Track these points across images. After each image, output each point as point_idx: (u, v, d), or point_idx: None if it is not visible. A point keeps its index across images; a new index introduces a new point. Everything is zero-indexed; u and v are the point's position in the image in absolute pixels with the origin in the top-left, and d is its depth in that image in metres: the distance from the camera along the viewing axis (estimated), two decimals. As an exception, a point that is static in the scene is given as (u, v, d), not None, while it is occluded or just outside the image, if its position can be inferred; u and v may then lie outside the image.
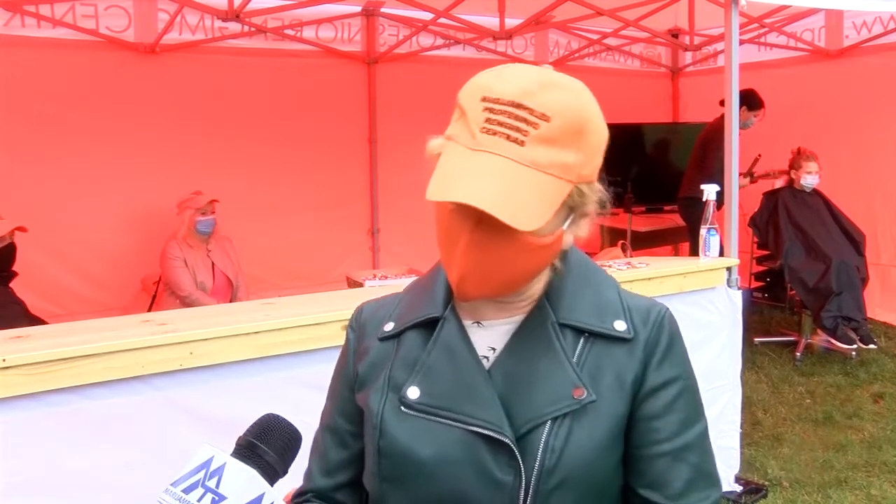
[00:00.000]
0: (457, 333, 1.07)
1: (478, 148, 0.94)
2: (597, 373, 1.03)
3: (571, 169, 0.95)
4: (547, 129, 0.93)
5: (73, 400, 2.01)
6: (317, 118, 6.27)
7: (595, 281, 1.11)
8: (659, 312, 1.09)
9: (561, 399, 1.01)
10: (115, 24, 5.45)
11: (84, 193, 5.38)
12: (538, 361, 1.03)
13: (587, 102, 0.98)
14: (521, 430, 1.00)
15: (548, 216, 0.94)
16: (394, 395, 1.06)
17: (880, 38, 6.29)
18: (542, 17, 5.44)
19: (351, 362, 1.18)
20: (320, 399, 2.41)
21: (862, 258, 5.67)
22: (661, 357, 1.06)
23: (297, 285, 5.47)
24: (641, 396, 1.05)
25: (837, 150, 6.19)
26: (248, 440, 0.98)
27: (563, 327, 1.05)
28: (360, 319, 1.21)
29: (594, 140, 0.98)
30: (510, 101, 0.94)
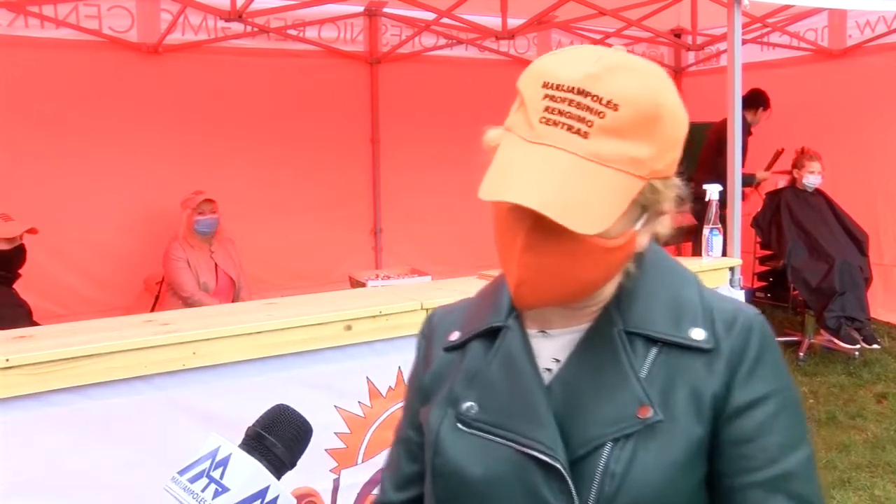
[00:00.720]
0: (518, 344, 0.98)
1: (536, 140, 0.84)
2: (669, 388, 0.91)
3: (643, 163, 0.85)
4: (614, 119, 0.83)
5: (75, 400, 2.01)
6: (319, 118, 6.28)
7: (672, 281, 0.98)
8: (747, 317, 0.94)
9: (623, 418, 0.89)
10: (118, 25, 5.46)
11: (87, 194, 5.39)
12: (602, 375, 0.92)
13: (661, 88, 0.87)
14: (577, 452, 0.90)
15: (613, 217, 0.83)
16: (452, 411, 0.99)
17: (883, 37, 6.27)
18: (544, 17, 5.43)
19: (420, 372, 1.11)
20: (323, 399, 2.43)
21: (865, 258, 5.67)
22: (749, 370, 0.92)
23: (299, 285, 5.47)
24: (727, 416, 0.91)
25: (840, 150, 6.17)
26: (257, 431, 0.95)
27: (632, 336, 0.93)
28: (430, 326, 1.13)
29: (669, 130, 0.87)
30: (573, 86, 0.84)
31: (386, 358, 2.47)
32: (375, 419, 2.46)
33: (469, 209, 6.94)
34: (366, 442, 2.45)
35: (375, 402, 2.45)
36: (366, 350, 2.43)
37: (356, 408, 2.42)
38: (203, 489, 0.88)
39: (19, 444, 1.95)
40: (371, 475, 2.46)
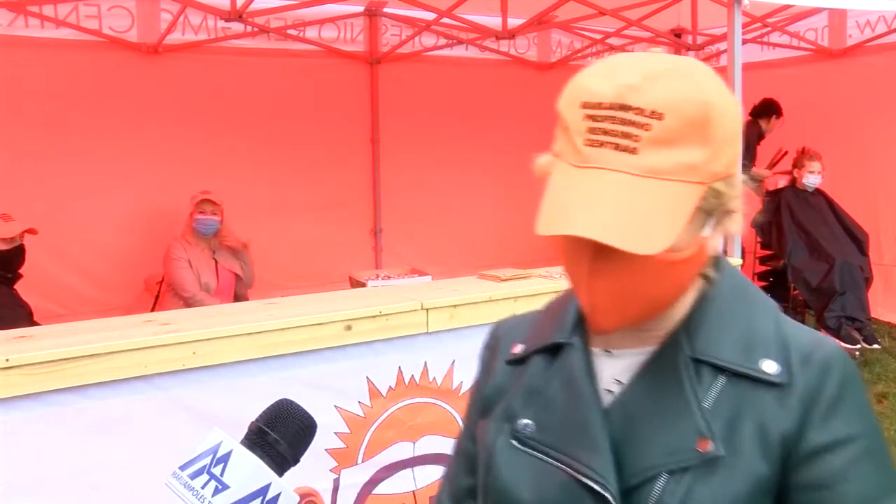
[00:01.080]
0: (580, 363, 0.94)
1: (584, 164, 0.81)
2: (735, 421, 0.85)
3: (699, 169, 0.81)
4: (662, 129, 0.79)
5: (75, 400, 2.01)
6: (319, 118, 6.28)
7: (747, 309, 0.92)
8: (826, 353, 0.88)
9: (681, 450, 0.85)
10: (118, 25, 5.46)
11: (87, 193, 5.39)
12: (663, 402, 0.88)
13: (706, 85, 0.83)
14: (630, 482, 0.86)
15: (677, 231, 0.79)
16: (508, 427, 0.96)
17: (884, 37, 6.27)
18: (544, 17, 5.43)
19: (482, 383, 1.08)
20: (323, 399, 2.43)
21: (865, 258, 5.67)
22: (827, 410, 0.85)
23: (299, 285, 5.47)
24: (799, 459, 0.84)
25: (840, 150, 6.18)
26: (259, 426, 0.94)
27: (699, 363, 0.88)
28: (495, 337, 1.11)
29: (723, 128, 0.82)
30: (612, 102, 0.81)
31: (386, 358, 2.47)
32: (375, 419, 2.46)
33: (469, 209, 6.99)
34: (366, 442, 2.45)
35: (375, 402, 2.45)
36: (366, 350, 2.43)
37: (356, 408, 2.42)
38: (203, 486, 0.87)
39: (19, 444, 1.95)
40: (371, 475, 2.46)
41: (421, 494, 2.56)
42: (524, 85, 7.16)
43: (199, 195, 4.92)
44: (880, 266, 6.05)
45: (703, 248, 0.87)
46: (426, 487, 2.56)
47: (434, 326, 2.52)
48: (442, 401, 2.57)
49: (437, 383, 2.56)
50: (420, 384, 2.52)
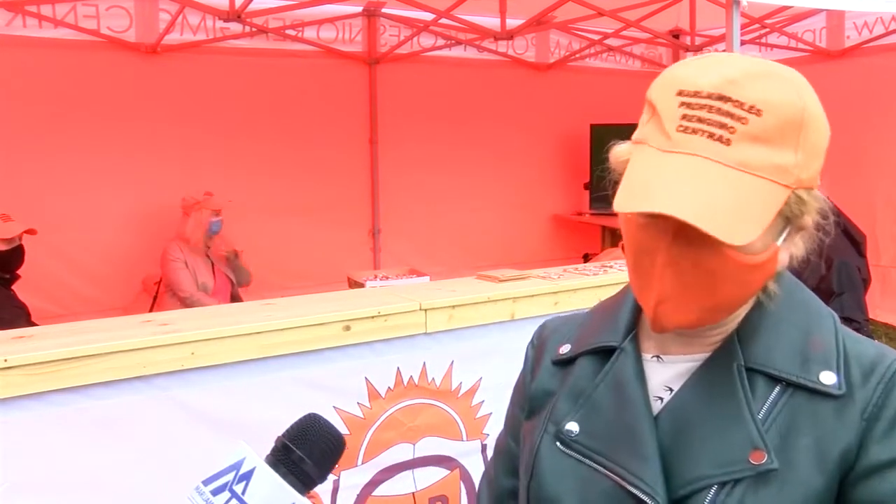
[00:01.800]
0: (631, 368, 0.92)
1: (674, 150, 0.79)
2: (790, 433, 0.83)
3: (789, 172, 0.80)
4: (758, 125, 0.78)
5: (74, 400, 2.01)
6: (318, 118, 6.28)
7: (806, 319, 0.89)
8: (889, 366, 0.85)
9: (733, 461, 0.82)
10: (117, 25, 5.46)
11: (85, 194, 5.39)
12: (715, 412, 0.85)
13: (805, 93, 0.84)
14: (678, 493, 0.84)
15: (762, 227, 0.77)
16: (553, 428, 0.95)
17: (881, 38, 6.29)
18: (543, 18, 5.43)
19: (526, 382, 1.06)
20: (323, 399, 2.43)
21: (863, 259, 5.67)
22: (889, 425, 0.82)
23: (297, 285, 5.47)
24: (858, 474, 0.82)
25: (838, 151, 6.10)
26: (284, 443, 0.90)
27: (753, 373, 0.86)
28: (542, 336, 1.09)
29: (815, 138, 0.83)
30: (712, 92, 0.79)
31: (385, 358, 2.47)
32: (375, 420, 2.46)
33: (468, 210, 6.99)
34: (365, 443, 2.45)
35: (374, 403, 2.45)
36: (365, 350, 2.43)
37: (355, 408, 2.42)
38: (225, 503, 0.85)
39: (18, 444, 1.94)
40: (371, 476, 2.46)
41: (421, 496, 2.55)
42: (522, 85, 7.16)
43: (212, 198, 4.93)
44: (877, 267, 6.06)
45: (775, 257, 0.85)
46: (426, 489, 2.56)
47: (432, 327, 2.52)
48: (441, 402, 2.57)
49: (436, 384, 2.55)
50: (419, 385, 2.52)
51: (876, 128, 6.28)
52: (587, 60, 7.42)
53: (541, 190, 7.34)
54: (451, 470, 2.59)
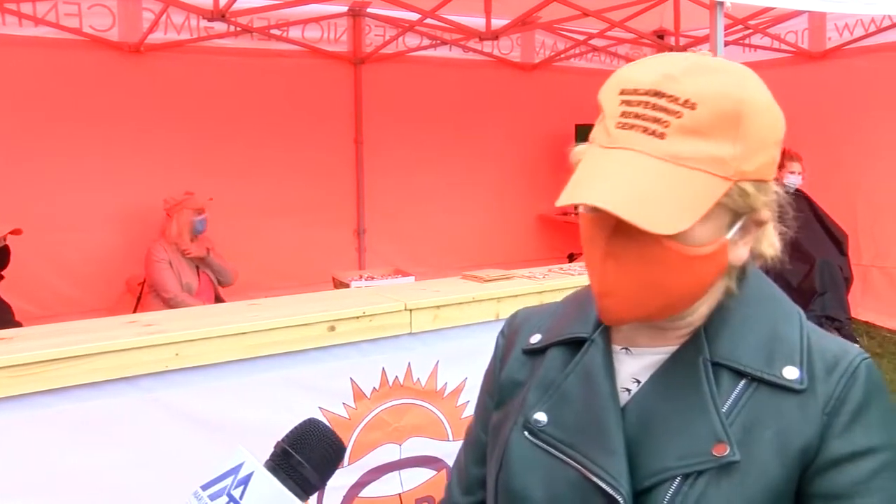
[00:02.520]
0: (600, 360, 0.94)
1: (612, 145, 0.82)
2: (753, 427, 0.85)
3: (726, 163, 0.81)
4: (692, 118, 0.80)
5: (57, 402, 1.99)
6: (303, 118, 6.27)
7: (773, 314, 0.91)
8: (851, 361, 0.87)
9: (697, 453, 0.84)
10: (99, 24, 5.42)
11: (68, 194, 5.35)
12: (680, 404, 0.87)
13: (745, 85, 0.83)
14: (643, 484, 0.85)
15: (693, 218, 0.79)
16: (522, 419, 0.96)
17: (861, 40, 6.35)
18: (528, 18, 5.45)
19: (496, 371, 1.07)
20: (308, 400, 2.42)
21: (845, 258, 5.72)
22: (849, 419, 0.84)
23: (283, 286, 5.45)
24: (818, 468, 0.84)
25: (820, 151, 6.23)
26: (284, 448, 0.90)
27: (718, 367, 0.88)
28: (513, 326, 1.09)
29: (759, 129, 0.82)
30: (648, 89, 0.82)
31: (370, 359, 2.47)
32: (360, 420, 2.46)
33: (453, 210, 6.99)
34: (351, 444, 2.45)
35: (360, 404, 2.45)
36: (350, 351, 2.43)
37: (340, 409, 2.42)
38: None
39: (2, 447, 1.93)
40: (357, 477, 2.46)
41: (407, 497, 2.56)
42: (508, 85, 7.17)
43: (192, 197, 4.91)
44: (858, 266, 6.11)
45: (724, 250, 0.85)
46: (413, 490, 2.56)
47: (418, 327, 2.52)
48: (426, 402, 2.58)
49: (422, 384, 2.56)
50: (404, 385, 2.53)
51: (857, 128, 6.34)
52: (572, 60, 7.43)
53: (526, 190, 7.35)
54: (437, 470, 2.59)
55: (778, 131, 0.86)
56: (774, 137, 0.85)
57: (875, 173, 6.29)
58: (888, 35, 6.19)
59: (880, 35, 6.23)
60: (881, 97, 6.23)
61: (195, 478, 0.89)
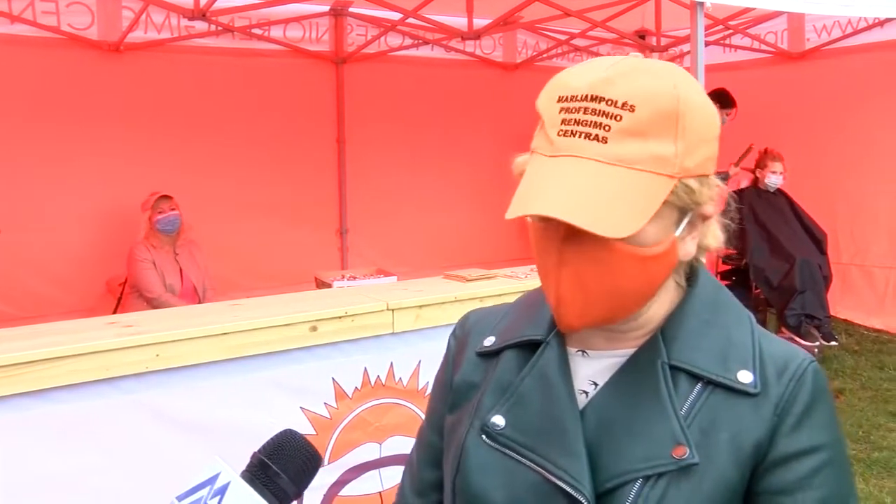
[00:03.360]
0: (556, 362, 0.94)
1: (555, 153, 0.83)
2: (710, 428, 0.86)
3: (669, 162, 0.82)
4: (632, 120, 0.80)
5: (37, 404, 1.98)
6: (285, 118, 6.24)
7: (726, 319, 0.93)
8: (800, 365, 0.89)
9: (657, 456, 0.85)
10: (78, 22, 5.36)
11: (47, 194, 5.30)
12: (639, 407, 0.88)
13: (680, 84, 0.84)
14: (605, 486, 0.86)
15: (643, 219, 0.80)
16: (479, 423, 0.96)
17: (839, 41, 6.44)
18: (510, 18, 5.45)
19: (448, 374, 1.06)
20: (289, 401, 2.42)
21: (824, 256, 5.78)
22: (797, 420, 0.87)
23: (265, 286, 5.43)
24: (767, 466, 0.86)
25: (800, 151, 6.29)
26: (260, 458, 0.90)
27: (676, 370, 0.89)
28: (465, 328, 1.09)
29: (696, 126, 0.83)
30: (586, 94, 0.82)
31: (352, 359, 2.47)
32: (342, 420, 2.46)
33: (435, 209, 6.99)
34: (332, 443, 2.44)
35: (341, 403, 2.45)
36: (332, 351, 2.42)
37: (322, 409, 2.42)
38: None
39: (-22, 449, 1.91)
40: (338, 476, 2.46)
41: (387, 495, 2.55)
42: (490, 85, 7.18)
43: (150, 197, 4.88)
44: (838, 265, 6.17)
45: (674, 248, 0.87)
46: (393, 488, 2.56)
47: (400, 327, 2.52)
48: (408, 401, 2.58)
49: (403, 384, 2.56)
50: (386, 385, 2.52)
51: (835, 127, 6.41)
52: (554, 60, 7.45)
53: (509, 189, 7.25)
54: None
55: (715, 126, 0.87)
56: (712, 132, 0.86)
57: (854, 172, 6.36)
58: (865, 36, 6.27)
59: (858, 36, 6.31)
60: (859, 97, 6.30)
61: (176, 479, 0.88)
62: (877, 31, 6.17)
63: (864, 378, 5.13)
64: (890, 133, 6.16)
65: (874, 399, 4.77)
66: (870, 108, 6.24)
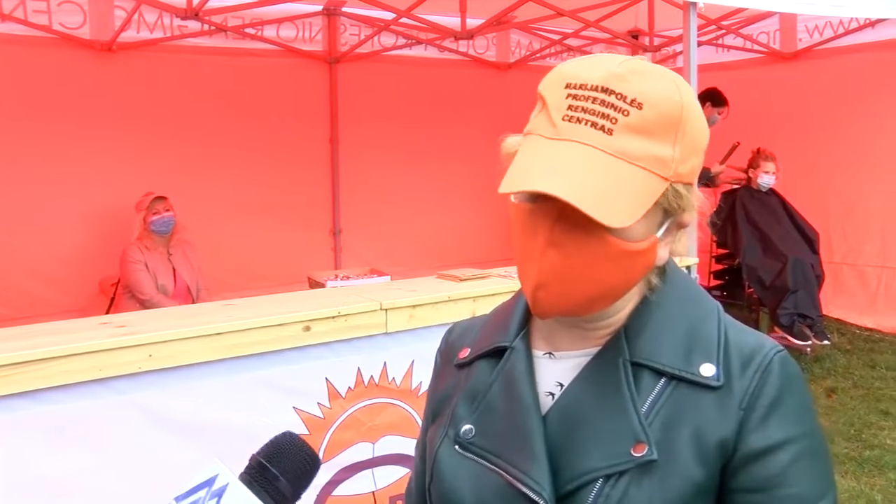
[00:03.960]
0: (521, 367, 0.94)
1: (559, 137, 0.83)
2: (672, 425, 0.85)
3: (667, 164, 0.83)
4: (639, 118, 0.82)
5: (29, 405, 1.97)
6: (278, 118, 6.24)
7: (692, 312, 0.92)
8: (766, 355, 0.87)
9: (617, 454, 0.84)
10: (70, 21, 5.34)
11: (39, 194, 5.28)
12: (601, 406, 0.87)
13: (685, 93, 0.85)
14: (566, 488, 0.86)
15: (639, 213, 0.81)
16: (452, 433, 0.97)
17: (831, 41, 6.46)
18: (503, 18, 5.46)
19: (433, 390, 1.08)
20: (282, 400, 2.42)
21: (816, 256, 5.80)
22: (764, 413, 0.84)
23: (258, 286, 5.42)
24: (737, 462, 0.85)
25: (792, 150, 6.31)
26: (259, 461, 0.89)
27: (638, 367, 0.88)
28: (448, 341, 1.10)
29: (694, 136, 0.85)
30: (597, 85, 0.83)
31: (345, 358, 2.46)
32: (335, 420, 2.46)
33: (429, 209, 6.99)
34: (325, 443, 2.44)
35: (335, 403, 2.45)
36: (325, 351, 2.42)
37: (315, 409, 2.41)
38: None
39: (-30, 450, 1.91)
40: (331, 476, 2.46)
41: (381, 495, 2.56)
42: (483, 85, 7.19)
43: (145, 198, 4.86)
44: (830, 264, 6.20)
45: (654, 248, 0.87)
46: (386, 488, 2.56)
47: (393, 327, 2.52)
48: (401, 401, 2.58)
49: (397, 384, 2.56)
50: (379, 385, 2.52)
51: (827, 127, 6.43)
52: (548, 60, 7.46)
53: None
54: (410, 469, 2.59)
55: (706, 140, 0.88)
56: (703, 145, 0.88)
57: (846, 172, 6.39)
58: (857, 37, 6.29)
59: (849, 37, 6.34)
60: (851, 97, 6.33)
61: (169, 480, 0.88)
62: (868, 32, 6.20)
63: (855, 377, 5.16)
64: (881, 133, 6.19)
65: (866, 397, 4.79)
66: (862, 107, 6.27)
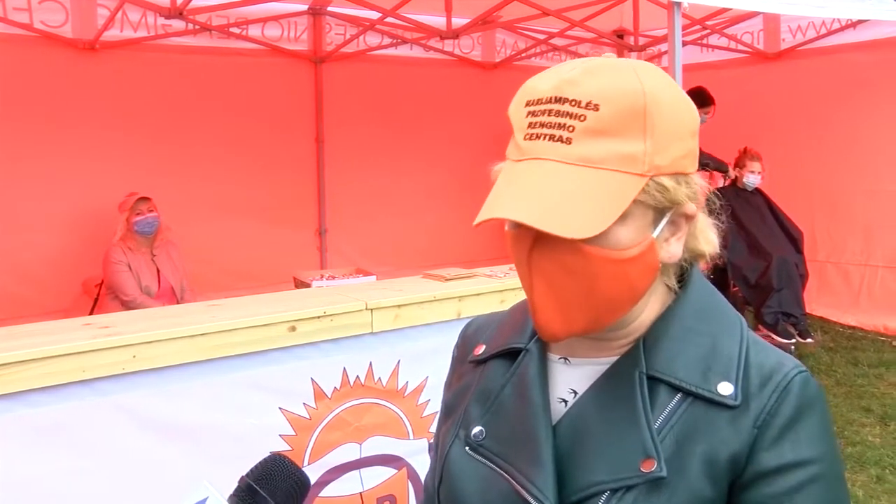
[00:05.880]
0: (534, 371, 0.92)
1: (522, 157, 0.82)
2: (685, 442, 0.82)
3: (638, 160, 0.80)
4: (596, 119, 0.79)
5: (12, 407, 1.95)
6: (263, 118, 6.21)
7: (714, 327, 0.88)
8: (786, 375, 0.84)
9: (624, 469, 0.82)
10: (51, 19, 5.29)
11: (21, 194, 5.24)
12: (613, 418, 0.85)
13: (648, 80, 0.82)
14: (571, 498, 0.84)
15: (610, 220, 0.78)
16: (463, 433, 0.95)
17: (814, 42, 6.51)
18: (488, 17, 5.46)
19: (448, 384, 1.06)
20: (268, 401, 2.41)
21: (801, 255, 5.84)
22: (779, 433, 0.82)
23: (243, 286, 5.40)
24: (745, 481, 0.82)
25: (776, 150, 6.35)
26: (249, 483, 0.89)
27: (654, 381, 0.85)
28: (465, 336, 1.09)
29: (667, 122, 0.81)
30: (549, 96, 0.81)
31: (331, 359, 2.46)
32: (321, 420, 2.45)
33: (414, 209, 6.99)
34: (311, 443, 2.43)
35: (321, 404, 2.44)
36: (311, 351, 2.41)
37: (301, 409, 2.41)
38: None
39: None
40: (317, 477, 2.45)
41: (368, 496, 2.55)
42: (469, 84, 7.19)
43: (129, 198, 4.83)
44: (814, 262, 6.24)
45: (652, 250, 0.84)
46: (373, 489, 2.56)
47: (379, 326, 2.52)
48: (387, 401, 2.57)
49: (383, 384, 2.55)
50: (365, 385, 2.52)
51: (810, 127, 6.48)
52: (533, 59, 7.47)
53: (488, 189, 7.35)
54: (398, 469, 2.59)
55: (691, 122, 0.85)
56: (687, 128, 0.84)
57: (831, 171, 6.44)
58: (839, 37, 6.35)
59: (832, 37, 6.39)
60: (834, 97, 6.38)
61: (154, 481, 0.88)
62: (850, 32, 6.25)
63: (838, 374, 5.19)
64: (865, 132, 6.24)
65: (848, 395, 4.83)
66: (845, 107, 6.32)
